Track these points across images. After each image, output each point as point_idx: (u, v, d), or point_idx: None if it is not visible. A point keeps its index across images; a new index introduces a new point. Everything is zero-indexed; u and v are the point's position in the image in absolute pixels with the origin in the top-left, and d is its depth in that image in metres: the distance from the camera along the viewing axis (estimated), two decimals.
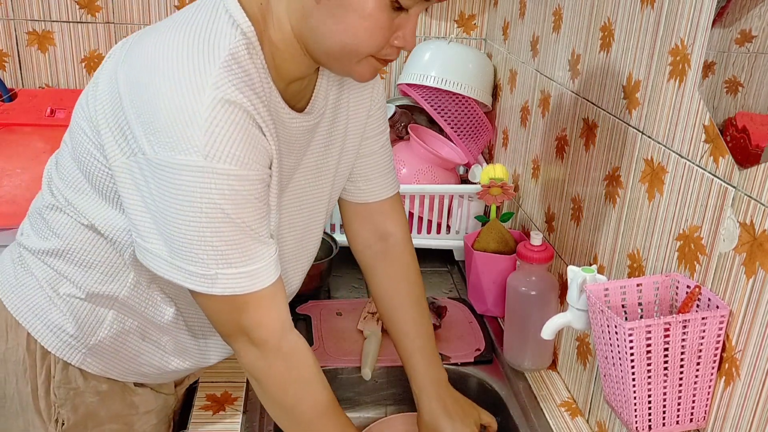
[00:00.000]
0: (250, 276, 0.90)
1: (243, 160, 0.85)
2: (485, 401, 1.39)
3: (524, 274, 1.32)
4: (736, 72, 0.86)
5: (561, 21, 1.40)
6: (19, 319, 1.03)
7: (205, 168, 0.83)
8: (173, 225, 0.86)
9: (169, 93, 0.84)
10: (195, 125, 0.82)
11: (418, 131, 1.79)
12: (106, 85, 0.91)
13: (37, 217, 1.04)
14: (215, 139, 0.83)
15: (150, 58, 0.87)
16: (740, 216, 0.83)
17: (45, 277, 1.02)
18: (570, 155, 1.33)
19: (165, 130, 0.83)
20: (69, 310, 1.02)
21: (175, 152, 0.83)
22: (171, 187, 0.84)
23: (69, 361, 1.04)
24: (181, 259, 0.88)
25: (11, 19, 1.85)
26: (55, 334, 1.03)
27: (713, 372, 0.88)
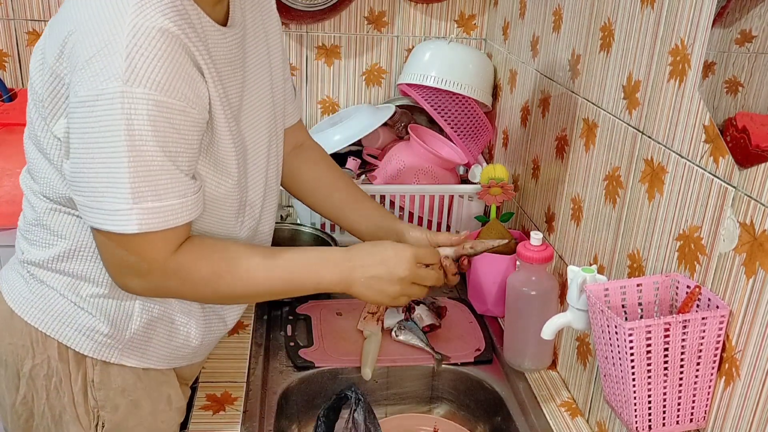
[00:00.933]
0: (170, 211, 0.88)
1: (165, 86, 0.83)
2: (485, 401, 1.39)
3: (524, 274, 1.32)
4: (736, 72, 0.86)
5: (561, 21, 1.40)
6: (46, 331, 1.02)
7: (125, 93, 0.80)
8: (94, 162, 0.85)
9: (90, 29, 0.83)
10: (115, 53, 0.80)
11: (418, 131, 1.79)
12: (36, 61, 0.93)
13: (34, 229, 1.03)
14: (136, 64, 0.81)
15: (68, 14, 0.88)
16: (740, 216, 0.83)
17: (62, 284, 1.01)
18: (570, 155, 1.33)
19: (86, 65, 0.82)
20: (97, 310, 1.01)
21: (95, 83, 0.81)
22: (91, 119, 0.83)
23: (108, 359, 1.04)
24: (100, 198, 0.86)
25: (11, 19, 1.85)
26: (89, 336, 1.02)
27: (713, 372, 0.88)
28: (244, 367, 1.33)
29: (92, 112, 0.82)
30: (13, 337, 1.03)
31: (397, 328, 1.46)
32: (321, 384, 1.39)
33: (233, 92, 0.98)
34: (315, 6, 1.81)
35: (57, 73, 0.89)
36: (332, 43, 1.93)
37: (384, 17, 1.93)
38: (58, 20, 0.91)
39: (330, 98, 1.98)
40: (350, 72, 1.97)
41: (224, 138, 0.95)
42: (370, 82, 1.98)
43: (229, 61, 0.97)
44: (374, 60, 1.97)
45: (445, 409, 1.44)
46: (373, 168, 1.77)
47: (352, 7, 1.89)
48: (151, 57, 0.82)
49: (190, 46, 0.86)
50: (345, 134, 1.76)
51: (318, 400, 1.40)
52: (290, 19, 1.84)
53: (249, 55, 1.05)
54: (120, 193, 0.84)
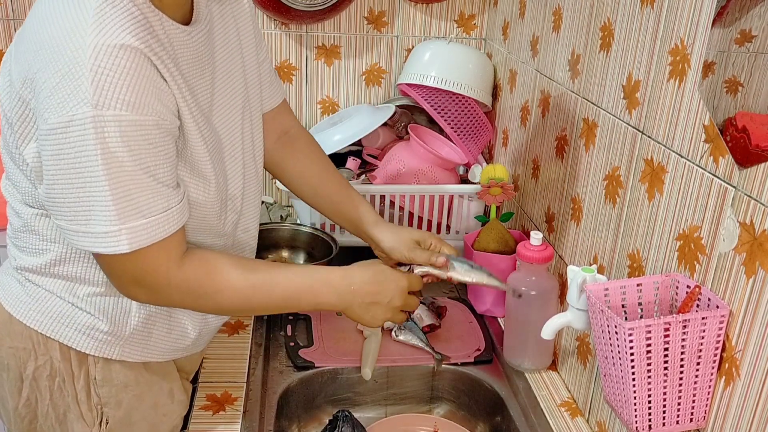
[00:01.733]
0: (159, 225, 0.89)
1: (135, 104, 0.82)
2: (485, 401, 1.39)
3: (524, 274, 1.32)
4: (736, 72, 0.86)
5: (561, 21, 1.40)
6: (47, 333, 1.02)
7: (96, 117, 0.80)
8: (73, 188, 0.85)
9: (52, 56, 0.82)
10: (81, 77, 0.80)
11: (418, 131, 1.79)
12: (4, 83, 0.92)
13: (23, 235, 1.02)
14: (103, 86, 0.80)
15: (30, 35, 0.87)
16: (740, 216, 0.83)
17: (59, 287, 1.02)
18: (570, 155, 1.33)
19: (53, 92, 0.81)
20: (95, 309, 1.02)
21: (64, 110, 0.81)
22: (65, 147, 0.82)
23: (110, 356, 1.04)
24: (80, 222, 0.86)
25: (11, 19, 1.85)
26: (89, 335, 1.02)
27: (713, 372, 0.88)
28: (244, 367, 1.33)
29: (65, 139, 0.82)
30: (14, 341, 1.03)
31: (397, 328, 1.46)
32: (321, 384, 1.39)
33: (202, 91, 0.98)
34: (315, 6, 1.81)
35: (23, 98, 0.87)
36: (332, 43, 1.93)
37: (384, 17, 1.93)
38: (23, 39, 0.90)
39: (330, 98, 1.98)
40: (350, 72, 1.97)
41: (197, 143, 0.95)
42: (370, 82, 1.98)
43: (196, 59, 0.97)
44: (374, 60, 1.97)
45: (445, 409, 1.44)
46: (373, 168, 1.77)
47: (352, 7, 1.89)
48: (116, 76, 0.81)
49: (153, 58, 0.86)
50: (345, 134, 1.76)
51: (318, 400, 1.40)
52: (290, 19, 1.84)
53: (217, 46, 1.04)
54: (105, 216, 0.85)
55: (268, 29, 1.90)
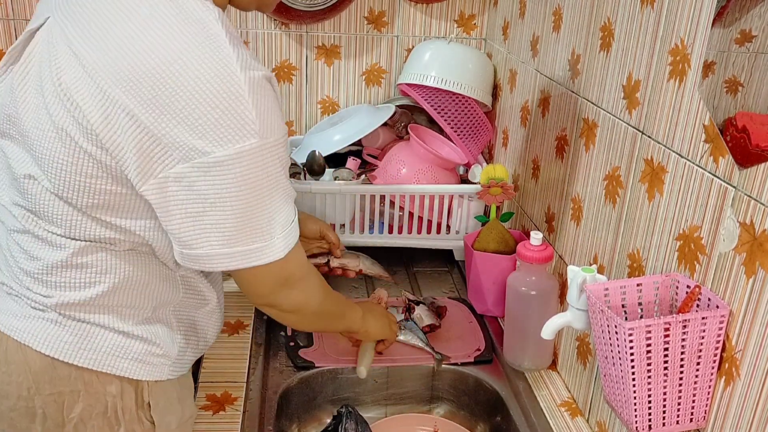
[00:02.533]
0: (295, 227, 0.97)
1: (282, 126, 0.91)
2: (485, 401, 1.39)
3: (524, 274, 1.32)
4: (736, 72, 0.86)
5: (561, 21, 1.40)
6: (101, 368, 0.97)
7: (263, 146, 0.86)
8: (231, 215, 0.88)
9: (203, 94, 0.83)
10: (246, 111, 0.85)
11: (418, 131, 1.79)
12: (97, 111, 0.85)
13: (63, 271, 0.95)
14: (263, 117, 0.86)
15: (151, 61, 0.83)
16: (740, 216, 0.83)
17: (105, 320, 0.97)
18: (570, 155, 1.33)
19: (217, 125, 0.84)
20: (148, 333, 1.00)
21: (232, 143, 0.85)
22: (230, 177, 0.86)
23: (161, 377, 1.02)
24: (240, 243, 0.91)
25: (11, 19, 1.85)
26: (143, 361, 1.00)
27: (713, 372, 0.88)
28: (244, 367, 1.33)
29: (231, 170, 0.86)
30: (57, 387, 0.96)
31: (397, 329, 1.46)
32: (321, 384, 1.39)
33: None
34: (315, 6, 1.80)
35: (154, 134, 0.84)
36: (332, 43, 1.93)
37: (384, 17, 1.93)
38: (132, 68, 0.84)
39: (330, 98, 1.98)
40: (350, 72, 1.97)
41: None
42: (370, 82, 1.98)
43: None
44: (374, 60, 1.97)
45: (445, 409, 1.44)
46: (373, 168, 1.77)
47: (352, 7, 1.89)
48: (268, 106, 0.88)
49: (271, 77, 0.92)
50: (345, 134, 1.76)
51: (318, 400, 1.40)
52: (290, 19, 1.84)
53: None
54: (265, 231, 0.92)
55: (268, 29, 1.90)
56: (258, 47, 1.91)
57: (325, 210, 1.69)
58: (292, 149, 1.89)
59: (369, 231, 1.75)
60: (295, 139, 1.93)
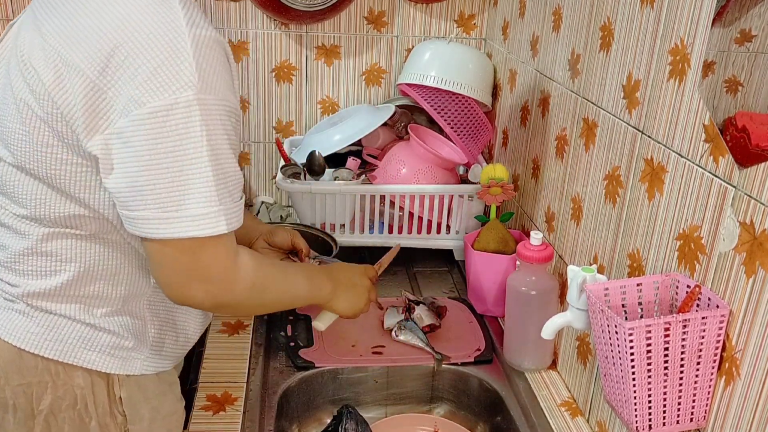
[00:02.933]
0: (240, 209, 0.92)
1: (225, 92, 0.88)
2: (485, 401, 1.39)
3: (524, 274, 1.32)
4: (736, 71, 0.86)
5: (561, 21, 1.40)
6: (68, 360, 0.98)
7: (200, 100, 0.84)
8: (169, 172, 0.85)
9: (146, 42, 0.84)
10: (184, 63, 0.84)
11: (418, 131, 1.79)
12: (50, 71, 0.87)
13: (28, 259, 0.97)
14: (204, 72, 0.85)
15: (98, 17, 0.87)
16: (740, 215, 0.83)
17: (75, 310, 0.98)
18: (570, 155, 1.33)
19: (151, 78, 0.83)
20: (117, 326, 1.00)
21: (167, 93, 0.83)
22: (165, 130, 0.84)
23: (133, 372, 1.02)
24: (177, 208, 0.87)
25: (11, 19, 1.85)
26: (113, 354, 1.00)
27: (713, 372, 0.88)
28: (244, 367, 1.33)
29: (166, 122, 0.84)
30: (25, 377, 0.98)
31: (397, 328, 1.46)
32: (321, 384, 1.39)
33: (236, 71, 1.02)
34: (315, 6, 1.80)
35: (99, 86, 0.85)
36: (332, 43, 1.93)
37: (384, 17, 1.93)
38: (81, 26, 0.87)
39: (330, 98, 1.98)
40: (350, 72, 1.97)
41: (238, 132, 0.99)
42: (370, 82, 1.98)
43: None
44: (374, 60, 1.97)
45: (445, 409, 1.44)
46: (373, 168, 1.77)
47: (352, 7, 1.89)
48: (212, 65, 0.87)
49: (226, 46, 0.91)
50: (345, 134, 1.76)
51: (318, 400, 1.40)
52: (290, 19, 1.84)
53: None
54: (204, 197, 0.87)
55: (268, 29, 1.90)
56: (258, 47, 1.91)
57: (325, 210, 1.69)
58: (292, 149, 1.89)
59: (369, 231, 1.75)
60: (295, 139, 1.93)
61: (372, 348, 1.44)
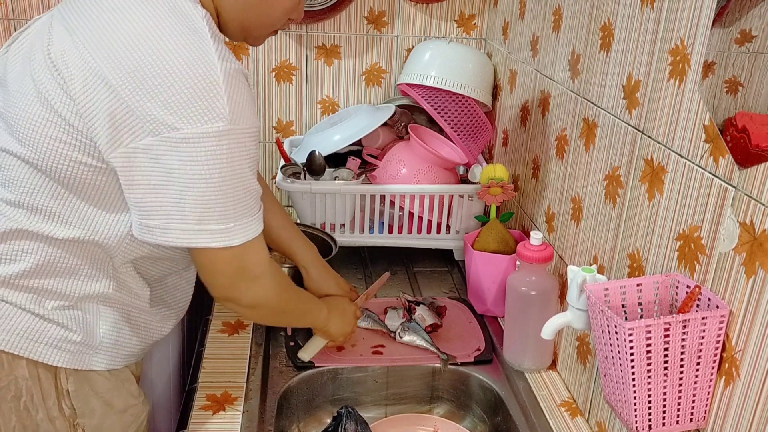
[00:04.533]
0: (258, 220, 1.01)
1: (253, 120, 0.96)
2: (485, 401, 1.39)
3: (524, 274, 1.32)
4: (736, 72, 0.86)
5: (561, 21, 1.40)
6: (13, 351, 0.98)
7: (230, 131, 0.92)
8: (193, 191, 0.92)
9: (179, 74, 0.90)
10: (218, 96, 0.91)
11: (418, 131, 1.79)
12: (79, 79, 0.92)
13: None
14: (234, 105, 0.92)
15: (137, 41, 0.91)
16: (740, 216, 0.83)
17: (25, 299, 0.99)
18: (570, 155, 1.33)
19: (186, 105, 0.90)
20: (67, 319, 1.01)
21: (201, 122, 0.90)
22: (195, 154, 0.90)
23: (81, 367, 1.03)
24: (196, 221, 0.94)
25: (11, 19, 1.85)
26: (60, 348, 1.01)
27: (713, 372, 0.88)
28: (244, 367, 1.33)
29: (197, 147, 0.90)
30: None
31: (401, 330, 1.46)
32: (321, 384, 1.39)
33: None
34: (315, 6, 1.80)
35: (129, 105, 0.90)
36: (332, 43, 1.93)
37: (384, 17, 1.93)
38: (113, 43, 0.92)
39: (330, 98, 1.98)
40: (350, 72, 1.97)
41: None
42: (370, 82, 1.98)
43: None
44: (374, 60, 1.97)
45: (445, 409, 1.44)
46: (373, 168, 1.77)
47: (352, 7, 1.89)
48: (241, 96, 0.93)
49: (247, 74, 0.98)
50: (345, 134, 1.76)
51: (318, 400, 1.40)
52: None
53: None
54: (224, 215, 0.95)
55: None
56: (258, 47, 1.91)
57: (325, 210, 1.69)
58: (292, 149, 1.89)
59: (369, 231, 1.75)
60: (295, 139, 1.93)
61: (372, 348, 1.44)
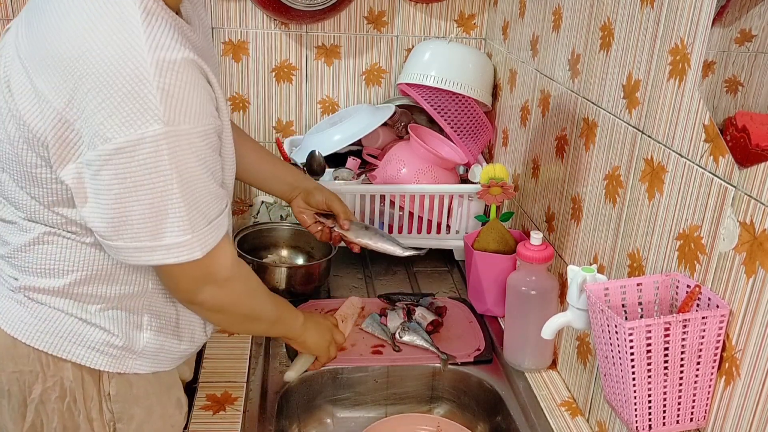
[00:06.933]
0: (220, 226, 0.93)
1: (200, 115, 0.85)
2: (485, 401, 1.39)
3: (524, 274, 1.32)
4: (736, 71, 0.86)
5: (561, 20, 1.40)
6: (57, 353, 0.98)
7: (168, 133, 0.81)
8: (140, 205, 0.85)
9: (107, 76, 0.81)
10: (148, 95, 0.80)
11: (418, 131, 1.79)
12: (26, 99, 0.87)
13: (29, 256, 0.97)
14: (171, 102, 0.81)
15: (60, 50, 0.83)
16: (740, 215, 0.83)
17: (68, 305, 0.99)
18: (570, 155, 1.33)
19: (115, 113, 0.81)
20: (109, 323, 1.00)
21: (133, 129, 0.81)
22: (133, 164, 0.82)
23: (123, 370, 1.02)
24: (150, 238, 0.87)
25: (11, 18, 1.85)
26: (102, 351, 1.00)
27: (713, 371, 0.88)
28: (244, 367, 1.33)
29: (133, 158, 0.82)
30: (18, 365, 0.99)
31: (401, 330, 1.45)
32: (321, 384, 1.39)
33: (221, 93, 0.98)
34: (315, 6, 1.80)
35: (67, 119, 0.84)
36: (332, 42, 1.93)
37: (384, 17, 1.93)
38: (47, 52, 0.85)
39: (330, 98, 1.98)
40: (350, 72, 1.97)
41: (228, 141, 0.98)
42: (370, 82, 1.98)
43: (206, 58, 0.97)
44: (374, 60, 1.97)
45: (445, 409, 1.44)
46: (373, 168, 1.77)
47: (352, 6, 1.89)
48: (182, 91, 0.82)
49: (202, 66, 0.87)
50: (345, 134, 1.76)
51: (318, 400, 1.40)
52: (290, 19, 1.84)
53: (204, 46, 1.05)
54: (178, 227, 0.87)
55: (268, 29, 1.90)
56: (258, 47, 1.91)
57: None
58: (292, 149, 1.89)
59: None
60: (295, 139, 1.93)
61: (372, 348, 1.44)
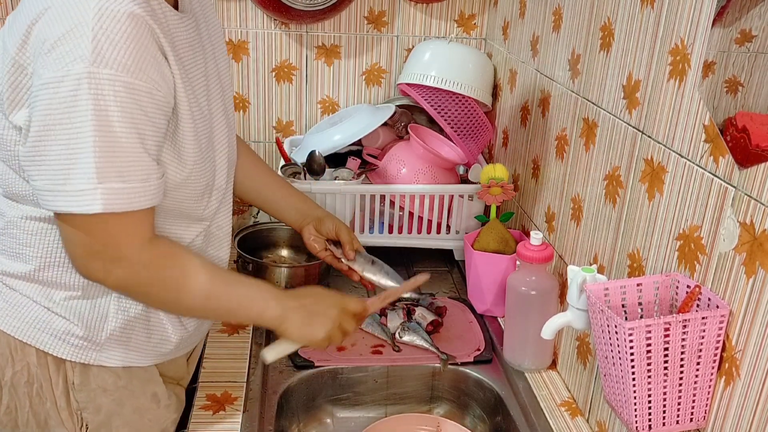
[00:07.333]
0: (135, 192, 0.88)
1: (132, 68, 0.83)
2: (485, 401, 1.39)
3: (524, 274, 1.32)
4: (736, 72, 0.86)
5: (561, 21, 1.40)
6: (23, 338, 1.01)
7: (91, 73, 0.81)
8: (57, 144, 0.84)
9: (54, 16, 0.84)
10: (81, 36, 0.82)
11: (418, 131, 1.79)
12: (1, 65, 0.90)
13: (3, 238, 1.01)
14: (102, 46, 0.82)
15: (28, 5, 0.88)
16: (740, 216, 0.83)
17: (35, 291, 1.01)
18: (570, 155, 1.33)
19: (52, 49, 0.83)
20: (71, 313, 1.01)
21: (60, 65, 0.82)
22: (54, 101, 0.83)
23: (86, 361, 1.03)
24: (63, 181, 0.85)
25: None
26: (64, 340, 1.02)
27: (713, 372, 0.88)
28: (244, 367, 1.33)
29: (56, 94, 0.82)
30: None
31: (401, 330, 1.46)
32: (321, 384, 1.39)
33: (197, 77, 0.99)
34: (315, 6, 1.80)
35: (19, 63, 0.87)
36: (332, 42, 1.93)
37: (384, 17, 1.93)
38: (19, 12, 0.91)
39: (330, 98, 1.99)
40: (350, 72, 1.97)
41: (187, 127, 0.95)
42: (370, 82, 1.98)
43: (190, 46, 0.98)
44: (374, 60, 1.97)
45: (445, 409, 1.44)
46: (373, 168, 1.77)
47: (352, 6, 1.89)
48: (117, 39, 0.83)
49: (156, 29, 0.87)
50: (345, 134, 1.76)
51: (318, 400, 1.40)
52: (290, 19, 1.84)
53: (204, 39, 1.05)
54: (84, 172, 0.84)
55: (268, 29, 1.90)
56: (258, 47, 1.91)
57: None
58: (292, 149, 1.89)
59: (369, 231, 1.75)
60: (295, 139, 1.93)
61: (372, 348, 1.44)
